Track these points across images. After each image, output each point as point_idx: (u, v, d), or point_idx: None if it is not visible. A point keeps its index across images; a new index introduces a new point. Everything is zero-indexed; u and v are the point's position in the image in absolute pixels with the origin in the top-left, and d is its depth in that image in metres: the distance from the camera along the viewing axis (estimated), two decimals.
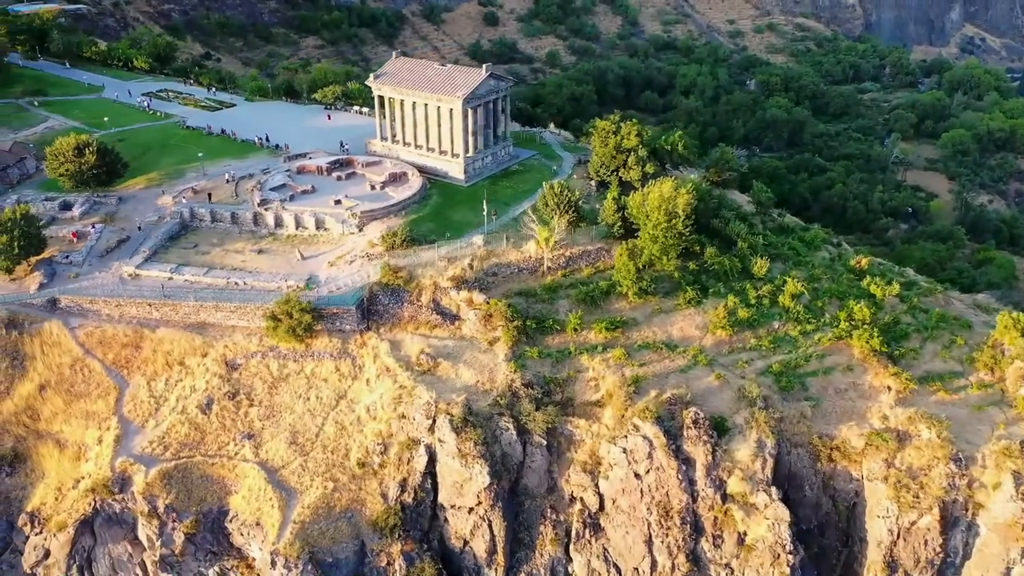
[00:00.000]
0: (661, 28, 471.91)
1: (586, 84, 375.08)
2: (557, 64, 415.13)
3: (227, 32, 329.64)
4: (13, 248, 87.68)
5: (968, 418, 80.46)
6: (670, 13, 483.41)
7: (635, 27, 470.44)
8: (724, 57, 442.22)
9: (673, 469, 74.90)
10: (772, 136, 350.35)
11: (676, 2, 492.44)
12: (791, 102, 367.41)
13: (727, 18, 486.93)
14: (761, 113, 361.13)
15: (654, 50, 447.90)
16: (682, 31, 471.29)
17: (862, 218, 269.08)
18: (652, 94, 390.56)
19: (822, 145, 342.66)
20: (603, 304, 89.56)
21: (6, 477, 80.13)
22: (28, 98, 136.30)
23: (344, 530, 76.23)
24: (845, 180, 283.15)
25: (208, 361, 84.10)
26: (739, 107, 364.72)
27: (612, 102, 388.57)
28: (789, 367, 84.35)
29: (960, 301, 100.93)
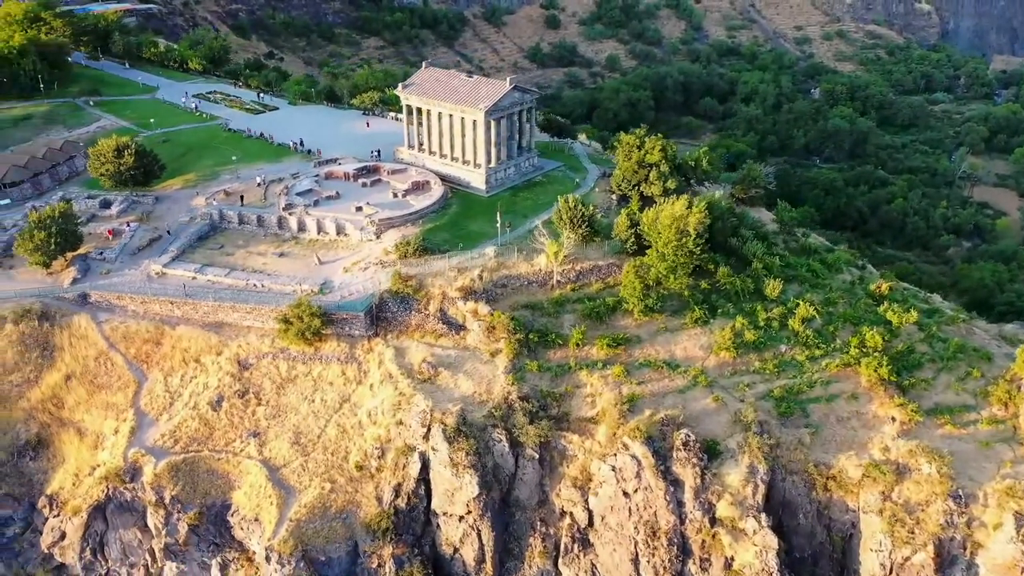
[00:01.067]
0: (725, 33, 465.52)
1: (643, 89, 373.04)
2: (617, 68, 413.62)
3: (291, 32, 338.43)
4: (50, 244, 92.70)
5: (974, 454, 78.37)
6: (736, 18, 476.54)
7: (699, 32, 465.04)
8: (789, 64, 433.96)
9: (661, 490, 75.08)
10: (833, 147, 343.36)
11: (742, 7, 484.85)
12: (856, 112, 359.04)
13: (794, 24, 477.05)
14: (823, 123, 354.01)
15: (717, 56, 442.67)
16: (747, 37, 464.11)
17: (922, 235, 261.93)
18: (711, 101, 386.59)
19: (886, 157, 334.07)
20: (608, 320, 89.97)
21: (30, 461, 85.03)
22: (84, 97, 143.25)
23: (338, 530, 78.61)
24: (906, 194, 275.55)
25: (222, 360, 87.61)
26: (801, 116, 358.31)
27: (670, 108, 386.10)
28: (791, 392, 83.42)
29: (985, 331, 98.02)
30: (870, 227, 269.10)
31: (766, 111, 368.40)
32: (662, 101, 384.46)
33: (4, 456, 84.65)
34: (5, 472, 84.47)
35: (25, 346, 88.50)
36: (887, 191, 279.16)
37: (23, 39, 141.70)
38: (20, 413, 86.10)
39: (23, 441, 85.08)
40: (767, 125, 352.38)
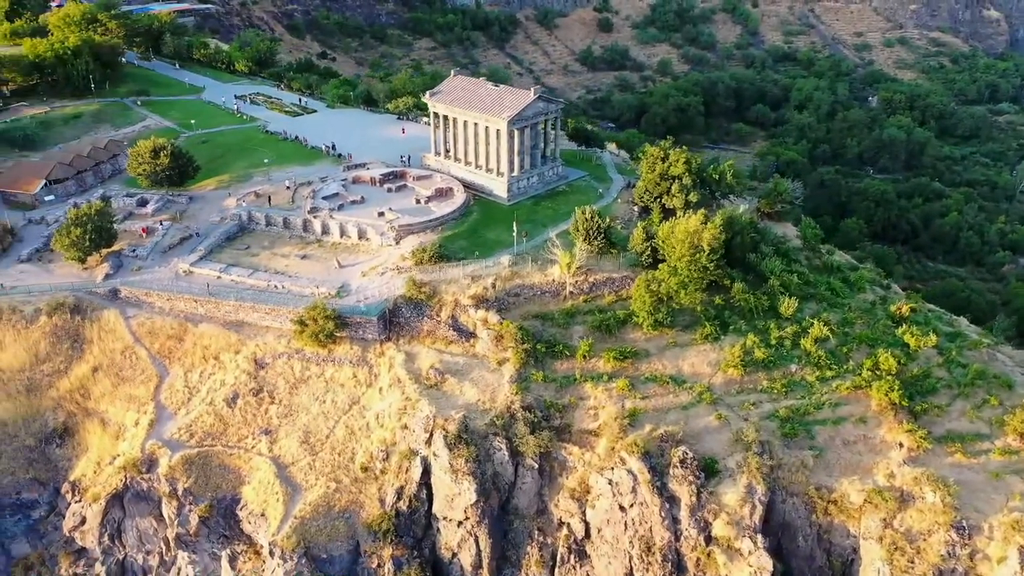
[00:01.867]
0: (782, 39, 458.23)
1: (694, 95, 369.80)
2: (668, 73, 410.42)
3: (344, 32, 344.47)
4: (85, 241, 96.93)
5: (983, 484, 76.74)
6: (793, 24, 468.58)
7: (754, 37, 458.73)
8: (847, 71, 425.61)
9: (656, 506, 75.33)
10: (888, 157, 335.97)
11: (801, 12, 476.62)
12: (914, 121, 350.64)
13: (855, 30, 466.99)
14: (878, 132, 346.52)
15: (772, 61, 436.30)
16: (804, 42, 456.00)
17: (975, 250, 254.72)
18: (763, 107, 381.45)
19: (944, 169, 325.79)
20: (618, 333, 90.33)
21: (56, 448, 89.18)
22: (133, 97, 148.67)
23: (341, 529, 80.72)
24: (962, 208, 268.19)
25: (239, 358, 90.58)
26: (855, 124, 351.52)
27: (721, 114, 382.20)
28: (797, 413, 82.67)
29: (1010, 358, 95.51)
30: (922, 241, 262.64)
31: (820, 119, 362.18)
32: (713, 107, 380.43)
33: (32, 442, 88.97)
34: (33, 458, 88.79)
35: (57, 338, 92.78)
36: (942, 204, 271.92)
37: (78, 40, 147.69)
38: (49, 402, 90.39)
39: (50, 429, 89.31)
40: (820, 133, 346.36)
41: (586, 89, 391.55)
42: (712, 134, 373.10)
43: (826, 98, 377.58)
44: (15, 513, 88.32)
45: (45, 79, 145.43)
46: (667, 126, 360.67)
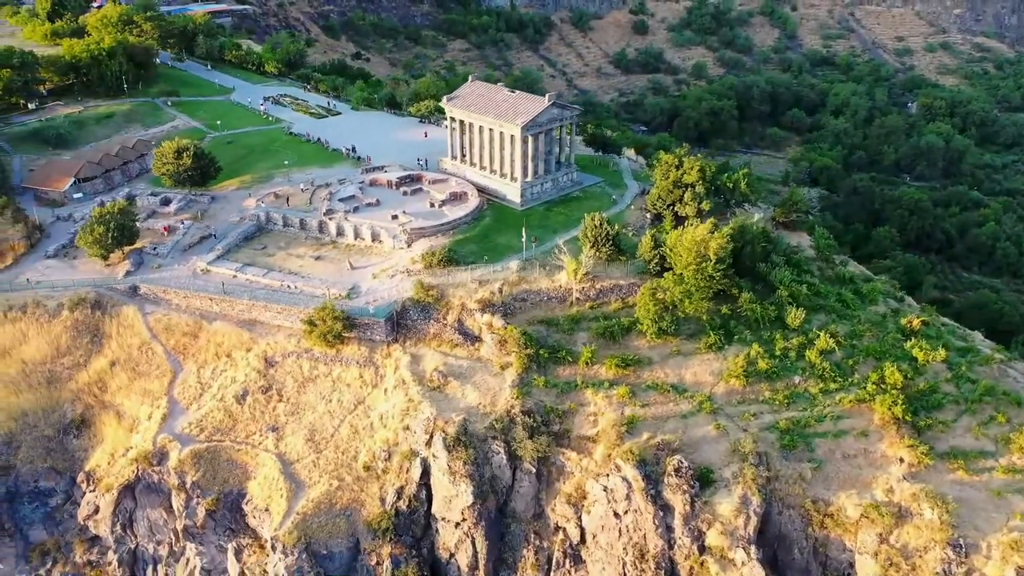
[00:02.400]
0: (821, 42, 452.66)
1: (727, 99, 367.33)
2: (703, 76, 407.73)
3: (379, 33, 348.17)
4: (107, 238, 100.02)
5: (984, 502, 75.93)
6: (833, 27, 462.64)
7: (792, 40, 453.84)
8: (887, 76, 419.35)
9: (650, 514, 75.79)
10: (926, 164, 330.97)
11: (840, 16, 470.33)
12: (954, 128, 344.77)
13: (896, 35, 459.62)
14: (916, 139, 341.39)
15: (809, 65, 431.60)
16: (844, 47, 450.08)
17: (1012, 261, 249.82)
18: (799, 112, 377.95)
19: (983, 177, 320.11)
20: (622, 340, 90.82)
21: (73, 439, 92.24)
22: (163, 98, 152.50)
23: (341, 526, 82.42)
24: (999, 218, 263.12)
25: (251, 356, 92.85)
26: (893, 131, 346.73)
27: (755, 118, 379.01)
28: (798, 425, 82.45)
29: (1022, 373, 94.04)
30: (957, 251, 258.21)
31: (856, 124, 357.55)
32: (747, 111, 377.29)
33: (51, 432, 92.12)
34: (51, 447, 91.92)
35: (78, 332, 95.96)
36: (979, 213, 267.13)
37: (112, 41, 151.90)
38: (68, 394, 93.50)
39: (68, 420, 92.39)
40: (856, 139, 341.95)
41: (619, 92, 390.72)
42: (746, 139, 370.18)
43: (863, 103, 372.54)
44: (33, 500, 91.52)
45: (80, 79, 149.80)
46: (699, 130, 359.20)
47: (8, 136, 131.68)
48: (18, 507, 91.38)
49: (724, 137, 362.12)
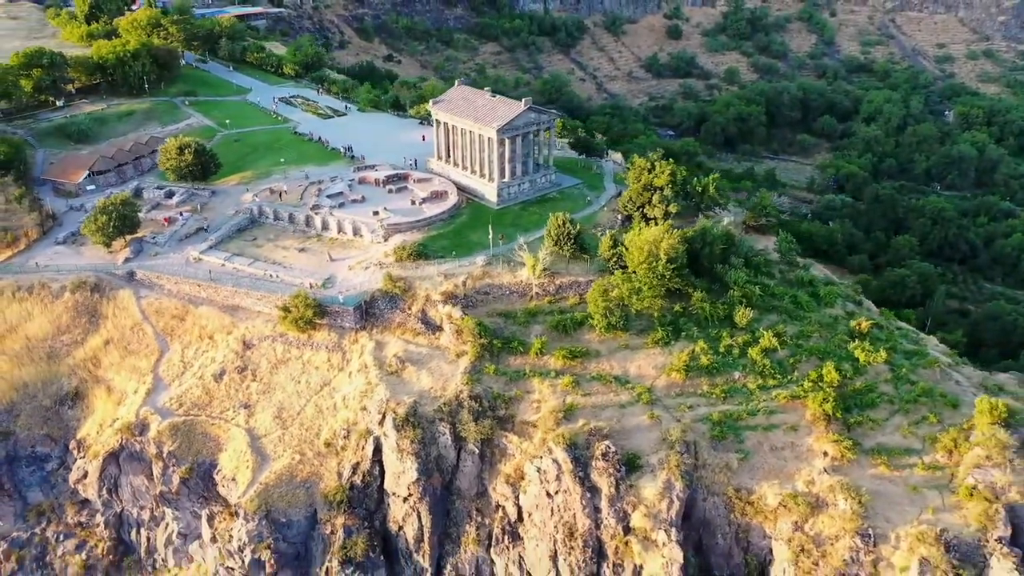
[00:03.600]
0: (859, 49, 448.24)
1: (756, 104, 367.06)
2: (735, 81, 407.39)
3: (412, 36, 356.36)
4: (109, 227, 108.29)
5: (900, 497, 79.20)
6: (872, 34, 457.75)
7: (829, 47, 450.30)
8: (925, 84, 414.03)
9: (578, 494, 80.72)
10: (957, 173, 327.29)
11: (881, 22, 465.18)
12: (991, 137, 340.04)
13: (937, 42, 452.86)
14: (948, 148, 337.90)
15: (845, 72, 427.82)
16: (882, 53, 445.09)
17: None
18: (830, 119, 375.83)
19: (1017, 187, 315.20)
20: (574, 334, 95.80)
21: (68, 409, 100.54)
22: (181, 97, 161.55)
23: (301, 497, 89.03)
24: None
25: (231, 338, 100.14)
26: (925, 139, 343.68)
27: (785, 124, 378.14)
28: (730, 418, 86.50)
29: (968, 378, 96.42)
30: (981, 261, 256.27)
31: (888, 132, 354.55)
32: (777, 117, 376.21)
33: (49, 403, 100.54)
34: (48, 416, 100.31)
35: (77, 312, 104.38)
36: (1007, 224, 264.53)
37: (137, 44, 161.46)
38: (65, 368, 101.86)
39: (65, 392, 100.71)
40: (887, 147, 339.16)
41: (649, 96, 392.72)
42: (774, 144, 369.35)
43: (897, 111, 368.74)
44: (31, 464, 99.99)
45: (106, 79, 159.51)
46: (726, 135, 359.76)
47: (35, 131, 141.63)
48: (17, 470, 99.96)
49: (752, 143, 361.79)
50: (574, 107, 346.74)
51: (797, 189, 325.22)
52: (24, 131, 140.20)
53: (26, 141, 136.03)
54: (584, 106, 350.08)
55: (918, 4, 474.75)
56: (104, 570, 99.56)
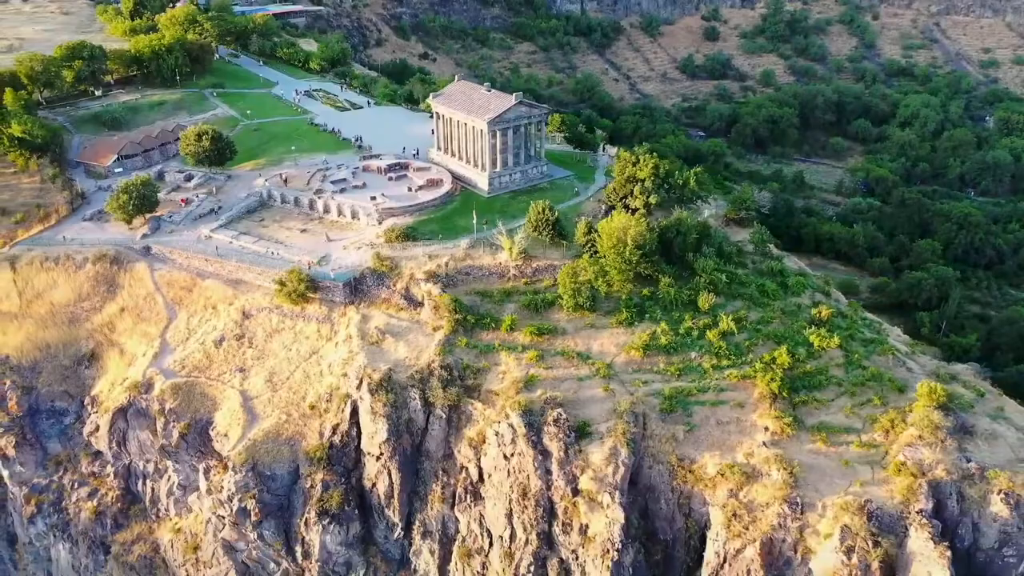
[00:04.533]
0: (900, 53, 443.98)
1: (788, 107, 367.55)
2: (771, 83, 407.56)
3: (448, 35, 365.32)
4: (129, 205, 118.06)
5: (833, 470, 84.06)
6: (915, 37, 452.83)
7: (870, 50, 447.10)
8: (967, 89, 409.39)
9: (531, 457, 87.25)
10: (992, 179, 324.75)
11: (924, 26, 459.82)
12: None
13: (983, 46, 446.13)
14: (983, 153, 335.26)
15: (885, 75, 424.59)
16: (924, 57, 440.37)
17: None
18: (864, 122, 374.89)
19: None
20: (544, 312, 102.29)
21: (84, 369, 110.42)
22: (210, 89, 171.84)
23: (285, 453, 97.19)
24: None
25: (232, 309, 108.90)
26: (960, 144, 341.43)
27: (819, 127, 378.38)
28: (681, 393, 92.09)
29: (921, 366, 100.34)
30: (1007, 267, 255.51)
31: (924, 137, 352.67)
32: (811, 119, 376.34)
33: (68, 363, 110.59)
34: (67, 375, 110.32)
35: (97, 282, 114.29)
36: None
37: (172, 39, 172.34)
38: (84, 332, 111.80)
39: (82, 353, 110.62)
40: (922, 151, 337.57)
41: (682, 97, 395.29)
42: (806, 147, 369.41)
43: (934, 115, 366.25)
44: (50, 418, 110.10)
45: (142, 71, 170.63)
46: (757, 137, 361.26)
47: (73, 118, 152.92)
48: (38, 422, 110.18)
49: (783, 145, 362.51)
50: (604, 106, 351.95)
51: (825, 192, 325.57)
52: (63, 118, 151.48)
53: (64, 127, 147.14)
54: (615, 106, 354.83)
55: (964, 8, 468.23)
56: (113, 516, 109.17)
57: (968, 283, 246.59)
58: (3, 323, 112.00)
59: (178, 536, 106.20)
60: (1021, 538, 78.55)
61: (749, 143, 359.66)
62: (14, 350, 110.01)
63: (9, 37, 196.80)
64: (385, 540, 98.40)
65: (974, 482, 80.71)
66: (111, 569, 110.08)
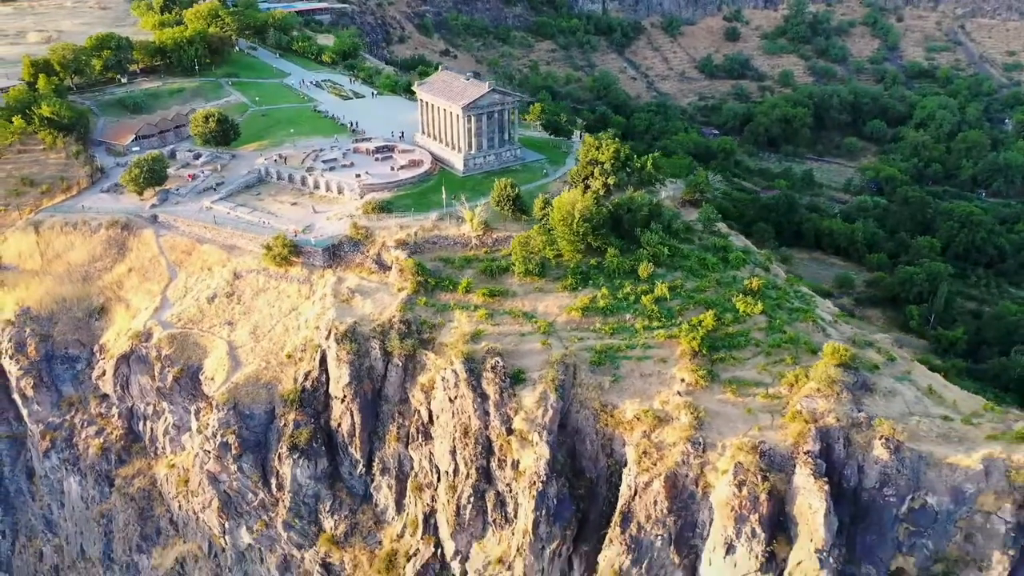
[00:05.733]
0: (924, 55, 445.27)
1: (802, 107, 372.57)
2: (789, 84, 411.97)
3: (470, 32, 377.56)
4: (140, 179, 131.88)
5: (737, 417, 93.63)
6: (939, 40, 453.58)
7: (893, 52, 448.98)
8: (989, 91, 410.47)
9: (470, 400, 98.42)
10: (1004, 181, 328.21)
11: (949, 28, 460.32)
12: None
13: (1007, 49, 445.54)
14: (995, 155, 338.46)
15: (905, 77, 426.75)
16: (947, 60, 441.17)
17: None
18: (879, 123, 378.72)
19: None
20: (498, 277, 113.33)
21: (95, 320, 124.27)
22: (226, 78, 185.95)
23: (263, 395, 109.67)
24: None
25: (224, 270, 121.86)
26: (974, 146, 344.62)
27: (834, 128, 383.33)
28: (612, 349, 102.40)
29: (842, 334, 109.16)
30: (1008, 266, 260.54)
31: (939, 138, 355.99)
32: (826, 120, 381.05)
33: (81, 315, 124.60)
34: (79, 325, 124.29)
35: (109, 245, 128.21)
36: None
37: (193, 31, 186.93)
38: (96, 288, 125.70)
39: (93, 307, 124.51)
40: (935, 153, 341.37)
41: (698, 96, 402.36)
42: (819, 146, 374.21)
43: (950, 117, 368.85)
44: (64, 363, 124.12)
45: (165, 61, 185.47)
46: (769, 136, 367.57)
47: (99, 102, 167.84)
48: (54, 367, 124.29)
49: (795, 144, 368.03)
50: (619, 104, 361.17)
51: (834, 190, 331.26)
52: (91, 102, 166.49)
53: (90, 110, 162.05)
54: (629, 103, 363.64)
55: (990, 11, 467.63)
56: (116, 453, 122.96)
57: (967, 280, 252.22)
58: (26, 279, 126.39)
59: (172, 471, 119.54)
60: (900, 479, 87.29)
61: (762, 141, 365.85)
62: (35, 303, 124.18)
63: (49, 29, 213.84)
64: (350, 476, 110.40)
65: (861, 430, 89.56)
66: (114, 500, 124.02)
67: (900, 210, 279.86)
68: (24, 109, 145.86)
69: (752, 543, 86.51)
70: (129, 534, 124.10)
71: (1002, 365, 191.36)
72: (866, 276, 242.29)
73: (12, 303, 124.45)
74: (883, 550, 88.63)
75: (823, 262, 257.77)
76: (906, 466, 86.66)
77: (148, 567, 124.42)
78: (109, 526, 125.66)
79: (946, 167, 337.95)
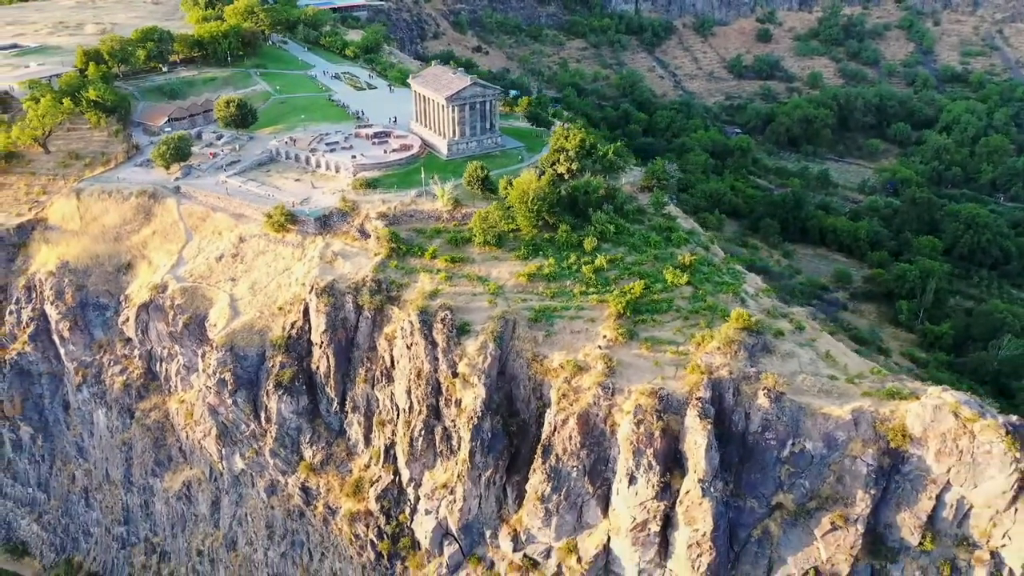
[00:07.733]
0: (958, 59, 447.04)
1: (826, 108, 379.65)
2: (818, 86, 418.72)
3: (503, 30, 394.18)
4: (167, 155, 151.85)
5: (646, 369, 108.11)
6: (975, 44, 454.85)
7: (927, 56, 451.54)
8: (1022, 97, 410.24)
9: (422, 346, 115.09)
10: (1021, 185, 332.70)
11: (986, 33, 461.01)
12: None
13: None
14: (1016, 159, 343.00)
15: (937, 81, 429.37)
16: (982, 64, 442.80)
17: None
18: (903, 126, 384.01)
19: None
20: (462, 247, 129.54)
21: (122, 275, 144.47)
22: (255, 69, 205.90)
23: (256, 340, 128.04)
24: None
25: (232, 235, 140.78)
26: (995, 150, 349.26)
27: (858, 129, 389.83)
28: (549, 309, 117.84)
29: (759, 304, 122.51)
30: (1011, 268, 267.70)
31: (963, 142, 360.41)
32: (850, 121, 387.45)
33: (111, 270, 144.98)
34: (109, 279, 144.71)
35: (137, 211, 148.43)
36: None
37: (227, 26, 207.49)
38: (124, 248, 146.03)
39: (122, 263, 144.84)
40: (957, 157, 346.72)
41: (725, 96, 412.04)
42: (841, 147, 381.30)
43: (975, 121, 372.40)
44: (96, 310, 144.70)
45: (202, 52, 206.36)
46: (790, 136, 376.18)
47: (141, 88, 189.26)
48: (87, 313, 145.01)
49: (816, 144, 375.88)
50: (644, 101, 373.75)
51: (849, 190, 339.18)
52: (133, 87, 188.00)
53: (132, 94, 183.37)
54: (653, 101, 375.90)
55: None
56: (136, 389, 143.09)
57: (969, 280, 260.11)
58: (67, 238, 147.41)
59: (182, 406, 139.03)
60: (779, 425, 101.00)
61: (783, 141, 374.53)
62: (73, 258, 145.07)
63: (105, 22, 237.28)
64: (327, 413, 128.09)
65: (750, 382, 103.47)
66: (134, 430, 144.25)
67: (908, 210, 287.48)
68: (74, 92, 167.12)
69: (649, 474, 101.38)
70: (146, 460, 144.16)
71: (980, 359, 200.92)
72: (864, 272, 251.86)
73: (55, 258, 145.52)
74: (766, 487, 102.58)
75: (826, 258, 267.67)
76: (785, 414, 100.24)
77: (160, 489, 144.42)
78: (129, 453, 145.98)
79: (966, 171, 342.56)
